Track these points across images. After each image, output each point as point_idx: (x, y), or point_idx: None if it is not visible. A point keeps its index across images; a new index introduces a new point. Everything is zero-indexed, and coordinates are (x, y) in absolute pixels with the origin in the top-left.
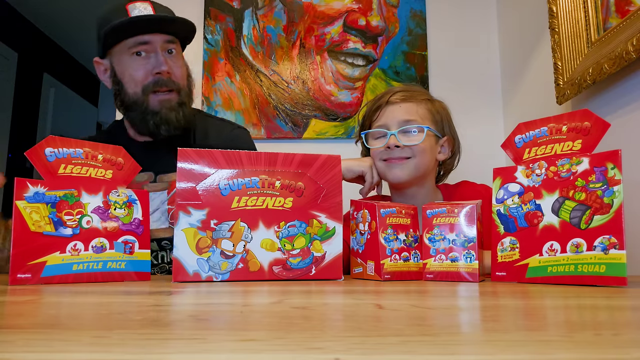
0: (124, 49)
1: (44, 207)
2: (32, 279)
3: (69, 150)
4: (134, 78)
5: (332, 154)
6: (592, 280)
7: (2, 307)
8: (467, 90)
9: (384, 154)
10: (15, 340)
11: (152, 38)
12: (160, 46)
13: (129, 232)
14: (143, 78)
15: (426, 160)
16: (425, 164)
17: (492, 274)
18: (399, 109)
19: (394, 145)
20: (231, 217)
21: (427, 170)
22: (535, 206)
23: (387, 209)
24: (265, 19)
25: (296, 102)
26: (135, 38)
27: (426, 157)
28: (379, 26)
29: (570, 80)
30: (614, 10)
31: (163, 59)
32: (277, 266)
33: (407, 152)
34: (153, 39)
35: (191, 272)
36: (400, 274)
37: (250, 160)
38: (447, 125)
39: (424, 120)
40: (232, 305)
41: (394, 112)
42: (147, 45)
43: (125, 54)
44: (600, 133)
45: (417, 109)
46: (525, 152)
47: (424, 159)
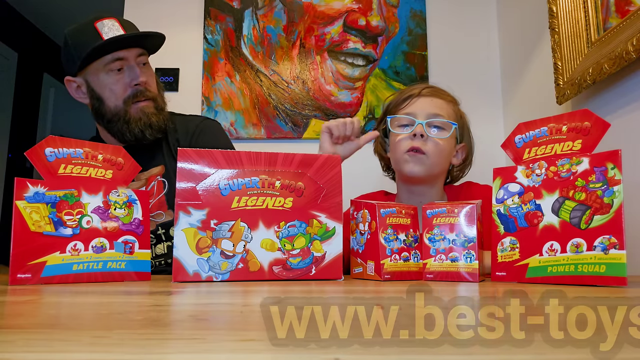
0: (99, 66)
1: (44, 207)
2: (32, 279)
3: (69, 150)
4: (114, 92)
5: (332, 154)
6: (592, 280)
7: (2, 307)
8: (467, 90)
9: (406, 144)
10: (15, 340)
11: (127, 54)
12: (134, 60)
13: (129, 232)
14: (122, 91)
15: (442, 160)
16: (441, 163)
17: (492, 274)
18: (430, 102)
19: (420, 134)
20: (231, 217)
21: (441, 170)
22: (535, 206)
23: (387, 209)
24: (265, 19)
25: (296, 102)
26: (112, 55)
27: (443, 156)
28: (379, 26)
29: (570, 80)
30: (614, 10)
31: (139, 71)
32: (277, 266)
33: (429, 147)
34: (128, 55)
35: (191, 272)
36: (400, 274)
37: (250, 160)
38: (467, 133)
39: (451, 119)
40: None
41: (424, 103)
42: (123, 61)
43: (101, 71)
44: (600, 133)
45: (447, 106)
46: (525, 152)
47: (441, 158)
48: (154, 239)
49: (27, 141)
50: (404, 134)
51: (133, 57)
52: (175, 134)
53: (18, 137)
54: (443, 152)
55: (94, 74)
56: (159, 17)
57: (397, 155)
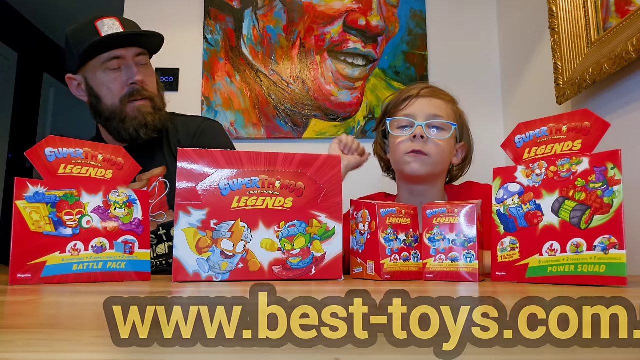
0: (97, 64)
1: (44, 207)
2: (32, 279)
3: (69, 150)
4: (111, 90)
5: (332, 154)
6: (592, 280)
7: (2, 307)
8: (467, 90)
9: (407, 146)
10: (15, 340)
11: (125, 52)
12: (132, 59)
13: (129, 232)
14: (119, 90)
15: (444, 160)
16: (442, 163)
17: (492, 274)
18: (428, 103)
19: (420, 135)
20: (231, 217)
21: (442, 170)
22: (535, 206)
23: (387, 209)
24: (265, 19)
25: (296, 102)
26: (109, 53)
27: (445, 157)
28: (379, 26)
29: (570, 80)
30: (614, 10)
31: (136, 70)
32: (277, 266)
33: (430, 148)
34: (125, 54)
35: (191, 272)
36: (400, 274)
37: (250, 160)
38: (466, 132)
39: (450, 119)
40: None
41: (423, 104)
42: (120, 60)
43: (99, 69)
44: (600, 133)
45: (445, 107)
46: (525, 152)
47: (442, 158)
48: (155, 239)
49: (27, 141)
50: (404, 136)
51: (131, 56)
52: (176, 135)
53: (18, 137)
54: (444, 153)
55: (92, 72)
56: (159, 17)
57: (397, 156)
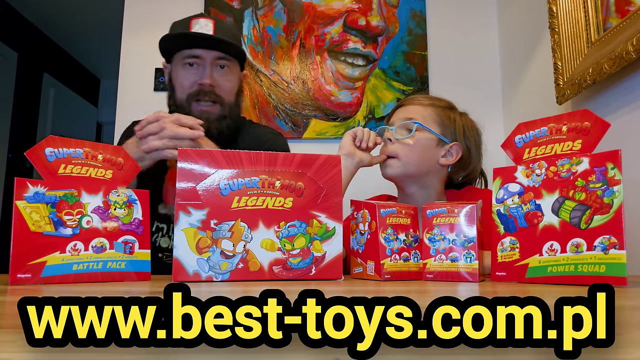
0: (179, 58)
1: (44, 207)
2: (32, 279)
3: (69, 150)
4: (182, 85)
5: (332, 154)
6: (592, 280)
7: (2, 307)
8: (467, 90)
9: (381, 151)
10: (15, 340)
11: (204, 53)
12: (211, 61)
13: (129, 232)
14: (189, 87)
15: (418, 159)
16: (417, 162)
17: (492, 274)
18: (405, 110)
19: (387, 138)
20: (231, 217)
21: (423, 170)
22: (535, 206)
23: (387, 209)
24: (265, 19)
25: (296, 102)
26: (190, 50)
27: (417, 155)
28: (379, 26)
29: (570, 80)
30: (614, 10)
31: (209, 72)
32: (277, 266)
33: (396, 148)
34: (205, 54)
35: (191, 272)
36: (400, 274)
37: (250, 160)
38: (461, 134)
39: (425, 121)
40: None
41: (400, 112)
42: (198, 59)
43: (179, 63)
44: (600, 133)
45: (423, 110)
46: (525, 152)
47: (413, 157)
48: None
49: (27, 141)
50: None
51: (210, 58)
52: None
53: (18, 137)
54: (414, 151)
55: (175, 64)
56: (159, 17)
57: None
